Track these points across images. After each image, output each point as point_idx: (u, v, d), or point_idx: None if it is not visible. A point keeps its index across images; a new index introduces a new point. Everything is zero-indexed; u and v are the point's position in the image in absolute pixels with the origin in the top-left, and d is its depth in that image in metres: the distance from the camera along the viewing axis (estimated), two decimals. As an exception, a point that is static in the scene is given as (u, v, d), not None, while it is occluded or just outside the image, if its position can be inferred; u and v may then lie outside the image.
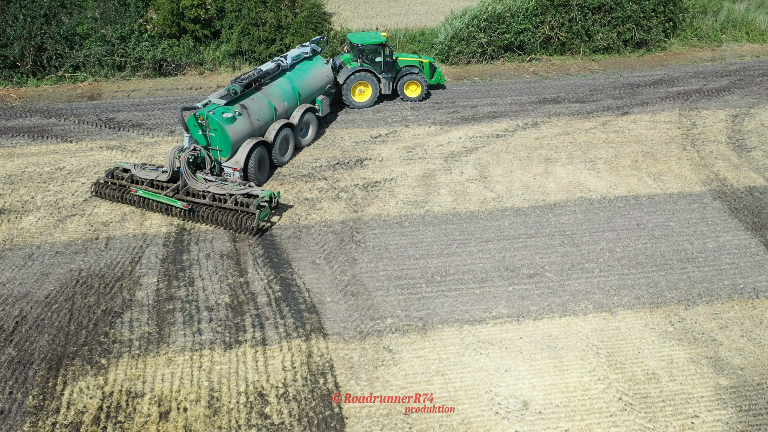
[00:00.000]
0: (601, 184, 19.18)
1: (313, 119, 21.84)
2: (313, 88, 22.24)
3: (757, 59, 29.57)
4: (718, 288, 14.80)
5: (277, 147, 19.88)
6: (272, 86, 20.60)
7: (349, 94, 24.21)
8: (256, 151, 18.62)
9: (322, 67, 23.01)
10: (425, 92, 25.05)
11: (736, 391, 12.08)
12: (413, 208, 18.01)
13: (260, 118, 19.46)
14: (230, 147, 18.27)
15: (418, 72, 24.72)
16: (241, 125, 18.56)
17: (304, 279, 15.16)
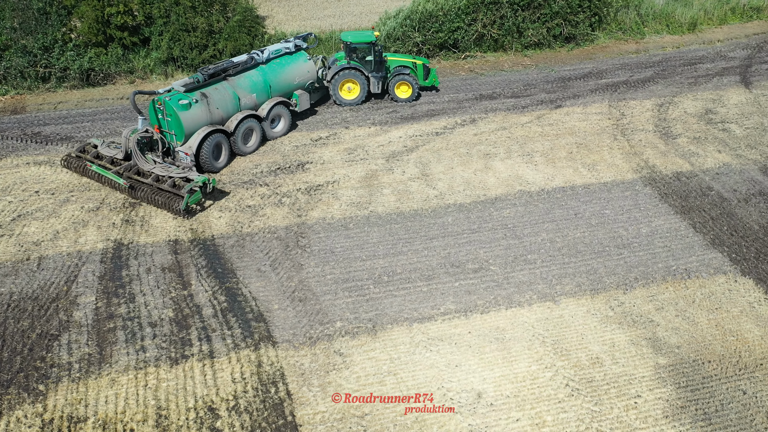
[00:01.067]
0: (539, 176, 19.67)
1: (285, 113, 22.16)
2: (289, 82, 22.63)
3: (678, 50, 30.98)
4: (653, 271, 15.42)
5: (239, 137, 20.43)
6: (241, 77, 21.14)
7: (337, 90, 24.38)
8: (210, 139, 19.29)
9: (303, 63, 23.23)
10: (416, 94, 24.84)
11: (674, 369, 12.62)
12: (357, 209, 17.99)
13: (221, 107, 20.05)
14: (183, 132, 18.97)
15: (409, 73, 24.55)
16: (197, 112, 19.21)
17: (250, 287, 14.92)
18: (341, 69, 24.08)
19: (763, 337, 13.39)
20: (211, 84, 20.23)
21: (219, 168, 19.95)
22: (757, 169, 19.87)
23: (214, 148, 19.58)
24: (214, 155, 19.68)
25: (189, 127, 19.01)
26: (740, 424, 11.46)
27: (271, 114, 21.67)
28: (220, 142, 19.79)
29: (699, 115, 23.68)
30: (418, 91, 24.90)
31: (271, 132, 22.00)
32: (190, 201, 17.35)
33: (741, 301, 14.44)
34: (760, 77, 27.10)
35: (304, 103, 23.10)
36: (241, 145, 20.73)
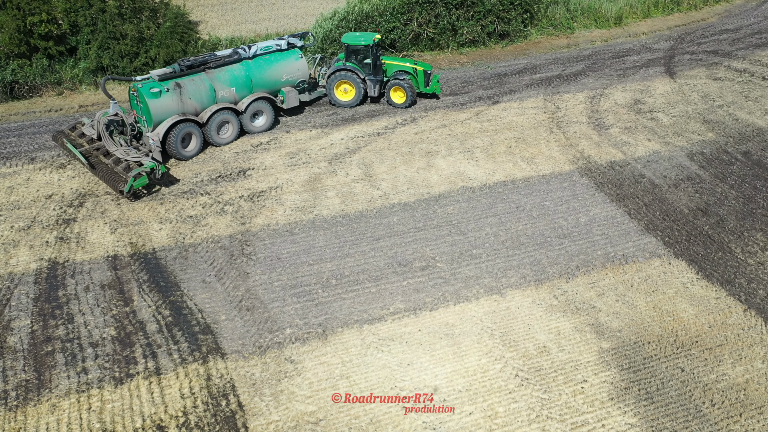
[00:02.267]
0: (480, 172, 20.00)
1: (267, 108, 22.36)
2: (276, 79, 22.82)
3: (606, 44, 32.10)
4: (593, 258, 15.93)
5: (212, 128, 21.06)
6: (222, 71, 21.58)
7: (332, 91, 24.43)
8: (179, 127, 20.10)
9: (294, 60, 23.26)
10: (411, 100, 24.28)
11: (616, 352, 13.07)
12: (302, 214, 17.86)
13: (195, 98, 20.72)
14: (152, 119, 19.90)
15: (405, 78, 24.13)
16: (167, 101, 20.04)
17: (196, 300, 14.59)
18: (337, 70, 24.11)
19: (697, 315, 14.03)
20: (189, 75, 20.82)
21: (188, 156, 20.69)
22: (684, 155, 20.79)
23: (184, 136, 20.38)
24: (182, 143, 20.46)
25: (157, 114, 19.92)
26: (680, 400, 11.97)
27: (250, 108, 21.90)
28: (191, 132, 20.52)
29: (628, 105, 24.59)
30: (413, 97, 24.38)
31: (250, 126, 22.30)
32: (135, 184, 17.99)
33: (675, 282, 15.08)
34: (683, 67, 28.37)
35: (292, 101, 23.11)
36: (215, 136, 21.33)
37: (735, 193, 18.60)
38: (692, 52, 30.24)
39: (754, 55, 29.45)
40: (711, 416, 11.64)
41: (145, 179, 18.24)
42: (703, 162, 20.36)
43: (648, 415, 11.66)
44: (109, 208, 18.10)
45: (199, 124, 20.81)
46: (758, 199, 18.30)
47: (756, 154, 20.79)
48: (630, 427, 11.43)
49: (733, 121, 23.05)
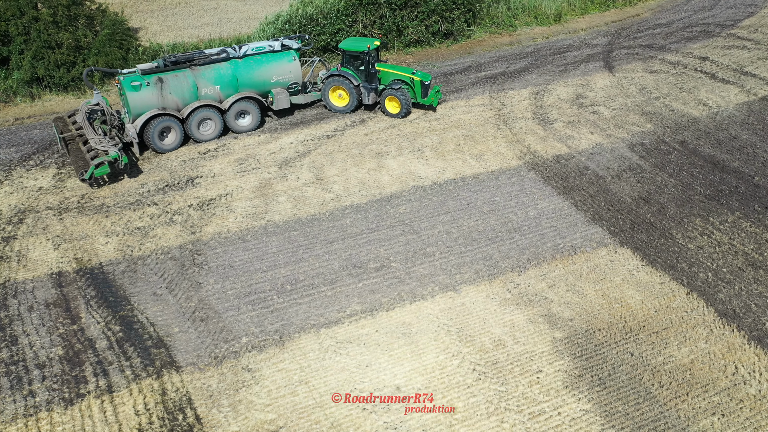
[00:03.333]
0: (430, 170, 20.19)
1: (253, 108, 22.44)
2: (265, 79, 22.82)
3: (547, 40, 32.88)
4: (543, 251, 16.29)
5: (192, 124, 21.48)
6: (208, 68, 21.77)
7: (327, 96, 24.19)
8: (157, 121, 20.68)
9: (286, 62, 23.10)
10: (404, 110, 23.49)
11: (569, 341, 13.41)
12: (253, 220, 17.65)
13: (177, 93, 21.10)
14: (131, 110, 20.59)
15: (400, 88, 23.39)
16: (147, 95, 20.62)
17: (147, 313, 14.24)
18: (331, 75, 23.88)
19: (643, 301, 14.53)
20: (174, 71, 21.15)
21: (165, 149, 21.27)
22: (625, 147, 21.49)
23: (163, 130, 20.95)
24: (161, 137, 21.05)
25: (136, 107, 20.58)
26: (630, 384, 12.37)
27: (234, 107, 22.04)
28: (170, 126, 21.06)
29: (571, 100, 25.26)
30: (408, 108, 23.55)
31: (235, 125, 22.46)
32: (96, 172, 18.57)
33: (622, 270, 15.57)
34: (621, 61, 29.32)
35: (282, 102, 23.00)
36: (195, 132, 21.74)
37: (674, 181, 19.34)
38: (629, 47, 31.28)
39: (687, 48, 30.68)
40: (660, 397, 12.07)
41: (106, 168, 18.69)
42: (643, 152, 21.09)
43: (601, 401, 12.00)
44: (51, 224, 17.49)
45: (179, 120, 21.17)
46: (695, 186, 19.08)
47: (692, 142, 21.66)
48: (585, 413, 11.75)
49: (669, 112, 23.95)
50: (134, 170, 20.20)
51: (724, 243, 16.46)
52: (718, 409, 11.80)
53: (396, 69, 24.07)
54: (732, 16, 35.81)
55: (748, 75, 27.22)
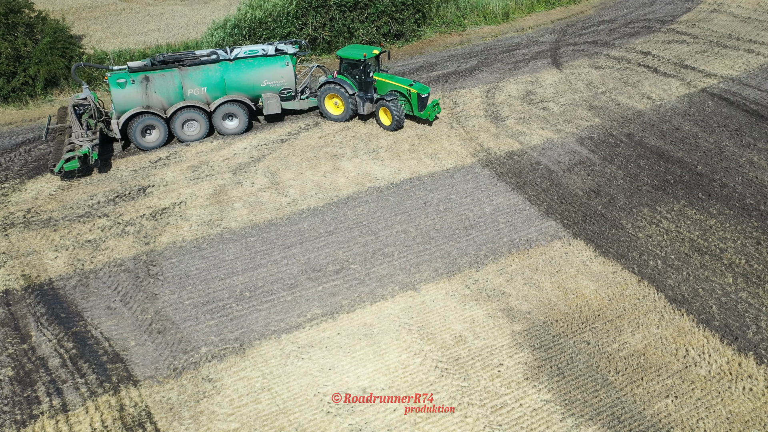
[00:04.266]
0: (386, 171, 20.26)
1: (240, 112, 22.23)
2: (255, 83, 22.52)
3: (496, 39, 33.41)
4: (500, 246, 16.55)
5: (176, 124, 21.60)
6: (196, 70, 21.73)
7: (322, 103, 23.58)
8: (140, 118, 20.97)
9: (279, 67, 22.72)
10: (396, 123, 22.49)
11: (528, 333, 13.66)
12: (209, 228, 17.39)
13: (162, 93, 21.25)
14: (115, 107, 21.02)
15: (393, 99, 22.28)
16: (131, 92, 20.90)
17: (101, 328, 13.87)
18: (326, 83, 23.20)
19: (597, 290, 14.91)
20: (161, 70, 21.26)
21: (148, 147, 21.52)
22: (575, 141, 22.02)
23: (146, 128, 21.19)
24: (143, 134, 21.29)
25: (120, 104, 20.94)
26: (588, 372, 12.69)
27: (220, 110, 21.94)
28: (153, 125, 21.29)
29: (521, 97, 25.73)
30: (399, 121, 22.51)
31: (222, 127, 22.40)
32: (66, 166, 19.00)
33: (576, 261, 15.95)
34: (568, 58, 30.02)
35: (272, 107, 22.65)
36: (180, 132, 21.85)
37: (622, 173, 19.91)
38: (575, 44, 32.05)
39: (629, 44, 31.63)
40: (617, 383, 12.42)
41: (75, 163, 19.10)
42: (592, 146, 21.65)
43: (561, 390, 12.27)
44: (-5, 240, 16.87)
45: (164, 119, 21.32)
46: (642, 177, 19.69)
47: (638, 135, 22.35)
48: (545, 403, 11.99)
49: (615, 106, 24.65)
50: (107, 166, 20.55)
51: (672, 231, 17.04)
52: (672, 392, 12.21)
53: (393, 80, 23.08)
54: (671, 11, 37.09)
55: (688, 68, 28.24)
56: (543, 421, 11.63)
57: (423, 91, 22.45)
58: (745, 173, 19.74)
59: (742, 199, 18.36)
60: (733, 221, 17.37)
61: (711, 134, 22.26)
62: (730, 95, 25.33)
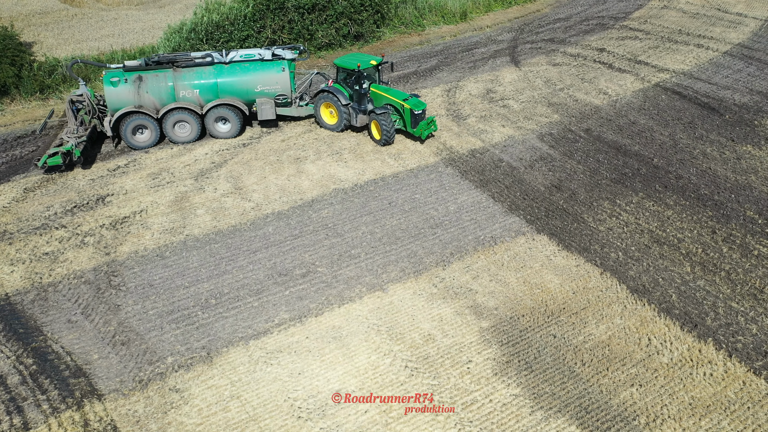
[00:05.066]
0: (350, 172, 20.23)
1: (232, 116, 22.00)
2: (249, 88, 22.14)
3: (455, 38, 33.69)
4: (465, 244, 16.69)
5: (168, 125, 21.67)
6: (189, 72, 21.67)
7: (318, 111, 22.96)
8: (130, 118, 21.19)
9: (274, 73, 22.21)
10: (384, 139, 21.45)
11: (495, 329, 13.81)
12: (171, 236, 17.09)
13: (154, 93, 21.35)
14: (108, 105, 21.30)
15: (385, 113, 21.27)
16: (124, 91, 21.13)
17: (62, 342, 13.49)
18: (321, 91, 22.52)
19: (561, 284, 15.17)
20: (156, 70, 21.37)
21: (138, 146, 21.74)
22: (535, 137, 22.36)
23: (137, 127, 21.37)
24: (134, 133, 21.50)
25: (112, 102, 21.18)
26: (555, 364, 12.89)
27: (212, 113, 21.80)
28: (144, 125, 21.44)
29: (481, 95, 26.00)
30: (388, 137, 21.39)
31: (214, 130, 22.23)
32: (49, 161, 19.47)
33: (540, 256, 16.20)
34: (526, 56, 30.47)
35: (266, 113, 22.28)
36: (171, 133, 21.89)
37: (582, 168, 20.30)
38: (532, 42, 32.54)
39: (585, 41, 32.27)
40: (583, 374, 12.65)
41: (58, 159, 19.49)
42: (552, 142, 22.01)
43: (529, 384, 12.44)
44: (-53, 256, 16.26)
45: (155, 119, 21.41)
46: (602, 171, 20.11)
47: (596, 130, 22.82)
48: (514, 397, 12.14)
49: (573, 102, 25.12)
50: (89, 164, 20.82)
51: (631, 223, 17.44)
52: (636, 380, 12.50)
53: (389, 92, 21.90)
54: (623, 8, 37.97)
55: (642, 63, 28.95)
56: (513, 415, 11.77)
57: (417, 107, 21.25)
58: (699, 164, 20.34)
59: (697, 190, 18.92)
60: (689, 211, 17.88)
61: (665, 127, 22.87)
62: (683, 89, 26.08)
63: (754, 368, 12.71)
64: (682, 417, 11.70)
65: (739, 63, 28.74)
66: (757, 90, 25.82)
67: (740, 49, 30.37)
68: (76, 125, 21.00)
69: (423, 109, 21.39)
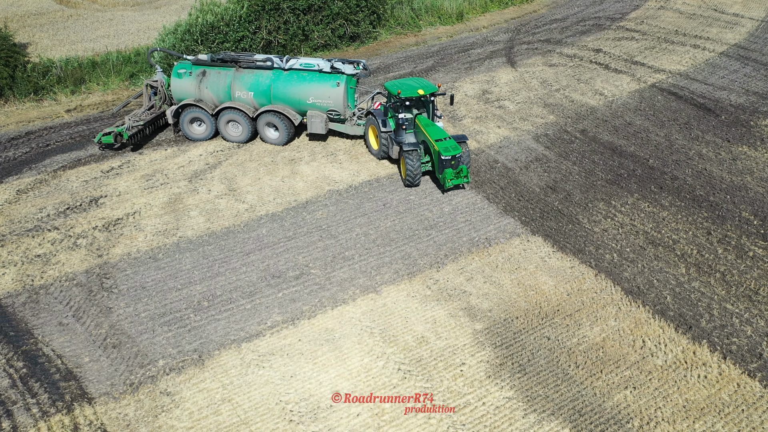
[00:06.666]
0: (345, 174, 20.15)
1: (280, 123, 21.62)
2: (300, 98, 21.48)
3: (451, 39, 33.63)
4: (459, 245, 16.61)
5: (221, 122, 21.99)
6: (249, 73, 21.67)
7: (367, 133, 21.30)
8: (188, 110, 21.85)
9: (328, 87, 21.16)
10: (408, 180, 18.80)
11: (489, 332, 13.73)
12: (165, 237, 17.00)
13: (212, 89, 21.75)
14: (173, 94, 22.28)
15: (414, 151, 18.58)
16: (186, 84, 21.86)
17: (53, 345, 13.40)
18: (368, 113, 21.03)
19: (556, 286, 15.10)
20: (220, 67, 21.79)
21: (193, 137, 22.34)
22: (531, 138, 22.29)
23: (194, 119, 21.97)
24: (189, 125, 22.13)
25: (176, 92, 22.08)
26: (549, 367, 12.82)
27: (262, 118, 21.69)
28: (201, 118, 21.97)
29: (477, 96, 25.94)
30: (411, 179, 18.68)
31: (265, 135, 22.12)
32: (103, 139, 20.80)
33: (534, 257, 16.13)
34: (522, 56, 30.42)
35: (315, 127, 21.38)
36: (224, 131, 22.20)
37: (577, 169, 20.24)
38: (528, 42, 32.49)
39: (581, 41, 32.22)
40: (577, 377, 12.58)
41: (110, 138, 20.75)
42: (548, 143, 21.95)
43: (522, 386, 12.36)
44: (-62, 259, 16.16)
45: (211, 115, 21.81)
46: (597, 172, 20.05)
47: (591, 131, 22.76)
48: (507, 400, 12.07)
49: (569, 103, 25.06)
50: (139, 148, 21.88)
51: (626, 224, 17.38)
52: (630, 383, 12.43)
53: (429, 128, 19.10)
54: (620, 9, 37.94)
55: (638, 64, 28.91)
56: (506, 418, 11.70)
57: (447, 151, 18.10)
58: (694, 165, 20.28)
59: (692, 191, 18.87)
60: (685, 212, 17.82)
61: (661, 128, 22.82)
62: (679, 90, 26.03)
63: (749, 370, 12.64)
64: (676, 420, 11.63)
65: (736, 64, 28.71)
66: (753, 91, 25.78)
67: (737, 50, 30.35)
68: (144, 109, 22.38)
69: (454, 156, 18.07)
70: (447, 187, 18.58)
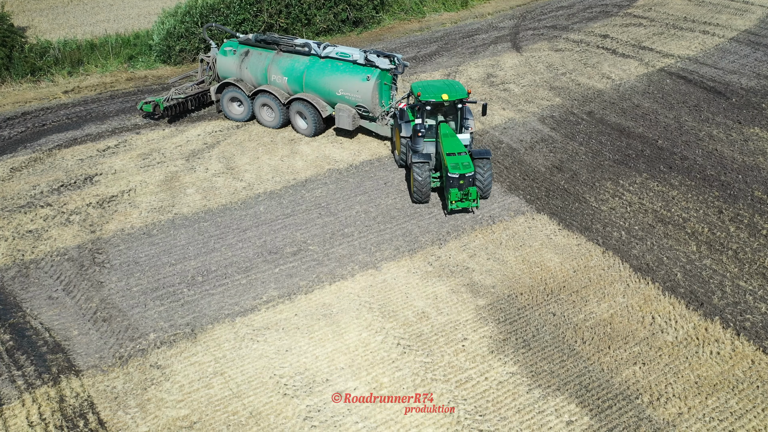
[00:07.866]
0: (345, 153, 19.69)
1: (308, 113, 20.45)
2: (330, 90, 20.04)
3: (456, 25, 33.10)
4: (462, 223, 16.11)
5: (256, 105, 21.45)
6: (286, 57, 20.94)
7: (393, 135, 19.55)
8: (230, 89, 21.58)
9: (358, 81, 19.46)
10: (415, 197, 16.68)
11: (492, 307, 13.24)
12: (159, 214, 16.57)
13: (252, 70, 21.28)
14: (219, 71, 22.10)
15: (421, 164, 16.40)
16: (229, 62, 21.63)
17: (41, 318, 12.98)
18: (394, 113, 19.08)
19: (562, 263, 14.59)
20: (262, 48, 21.32)
21: (231, 117, 22.04)
22: (536, 120, 21.77)
23: (233, 98, 21.71)
24: (229, 104, 21.89)
25: (221, 70, 21.92)
26: (554, 342, 12.32)
27: (293, 105, 20.75)
28: (239, 98, 21.61)
29: (482, 79, 25.41)
30: (418, 195, 16.64)
31: (295, 123, 21.20)
32: (144, 107, 21.10)
33: (540, 235, 15.62)
34: (527, 42, 29.87)
35: (342, 121, 19.78)
36: (258, 114, 21.61)
37: (584, 149, 19.71)
38: (534, 28, 31.94)
39: (588, 27, 31.65)
40: (583, 353, 12.07)
41: (149, 107, 21.04)
42: (554, 124, 21.43)
43: (527, 362, 11.87)
44: (-73, 233, 15.77)
45: (248, 96, 21.34)
46: (604, 152, 19.51)
47: (598, 113, 22.22)
48: (511, 375, 11.57)
49: (575, 86, 24.51)
50: (174, 121, 22.00)
51: (635, 203, 16.85)
52: (639, 359, 11.92)
53: (446, 140, 16.72)
54: (628, -3, 37.33)
55: (646, 49, 28.34)
56: (509, 393, 11.20)
57: (456, 169, 15.74)
58: (705, 146, 19.74)
59: (702, 171, 18.32)
60: (695, 192, 17.29)
61: (670, 110, 22.26)
62: (688, 73, 25.47)
63: (763, 347, 12.12)
64: (687, 395, 11.11)
65: (746, 48, 28.11)
66: (764, 74, 25.19)
67: (747, 36, 29.74)
68: (194, 83, 22.47)
69: (463, 175, 15.68)
70: (449, 209, 16.17)
